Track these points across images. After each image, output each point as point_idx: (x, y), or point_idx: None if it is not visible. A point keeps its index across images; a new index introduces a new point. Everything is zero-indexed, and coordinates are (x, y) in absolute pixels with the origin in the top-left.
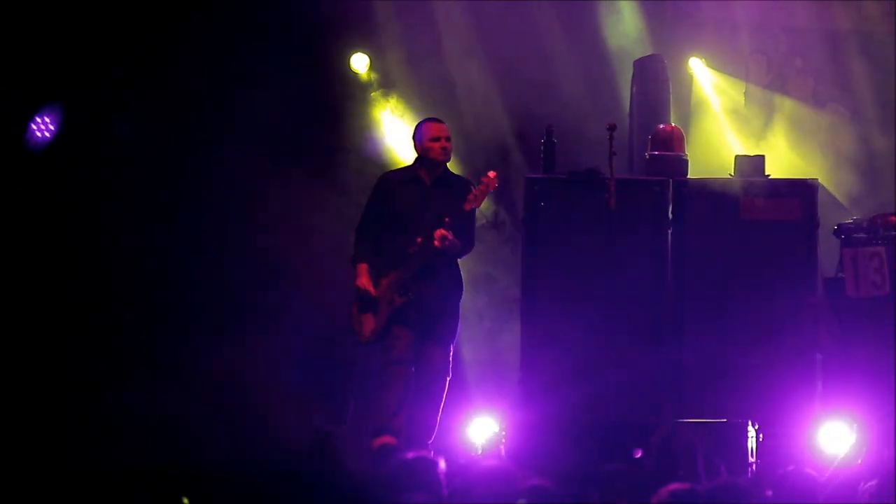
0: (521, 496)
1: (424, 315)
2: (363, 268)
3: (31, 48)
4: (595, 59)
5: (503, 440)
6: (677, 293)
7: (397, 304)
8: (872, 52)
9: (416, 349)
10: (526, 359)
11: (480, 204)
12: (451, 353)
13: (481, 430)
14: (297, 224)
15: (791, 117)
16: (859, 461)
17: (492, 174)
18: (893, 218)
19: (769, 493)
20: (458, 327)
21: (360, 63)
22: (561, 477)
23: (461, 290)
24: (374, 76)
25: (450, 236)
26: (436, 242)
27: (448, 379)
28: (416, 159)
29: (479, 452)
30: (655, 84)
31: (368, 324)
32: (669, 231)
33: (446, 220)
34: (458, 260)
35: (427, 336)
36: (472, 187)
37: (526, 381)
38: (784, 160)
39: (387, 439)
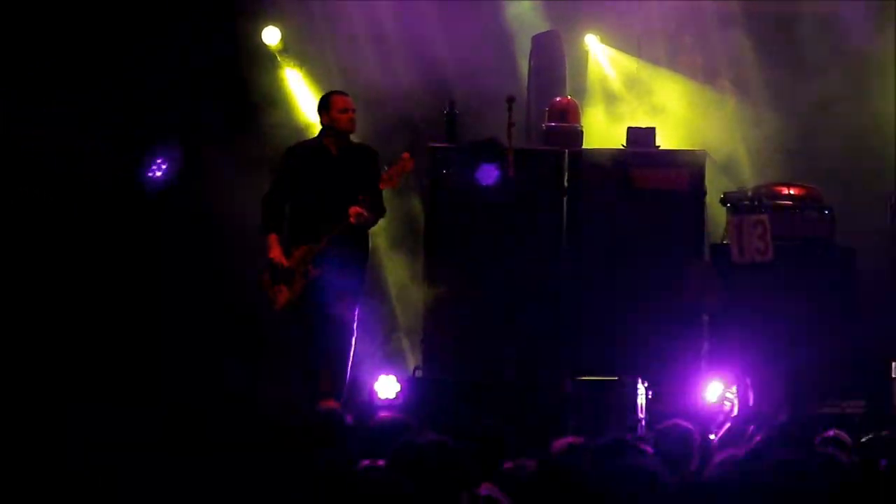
0: (421, 451)
1: (336, 282)
2: (273, 238)
3: None
4: (496, 34)
5: (406, 397)
6: (573, 258)
7: (312, 276)
8: (761, 32)
9: (328, 314)
10: (428, 320)
11: (397, 184)
12: (357, 314)
13: (386, 388)
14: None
15: (681, 92)
16: (740, 414)
17: (406, 155)
18: (777, 188)
19: (650, 447)
20: (364, 290)
21: (271, 36)
22: (457, 433)
23: (368, 256)
24: (284, 49)
25: (365, 213)
26: (351, 220)
27: (354, 338)
28: (322, 130)
29: (384, 409)
30: (552, 59)
31: (283, 294)
32: (565, 199)
33: (360, 198)
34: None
35: (338, 301)
36: (378, 155)
37: (428, 341)
38: (674, 133)
39: (331, 403)
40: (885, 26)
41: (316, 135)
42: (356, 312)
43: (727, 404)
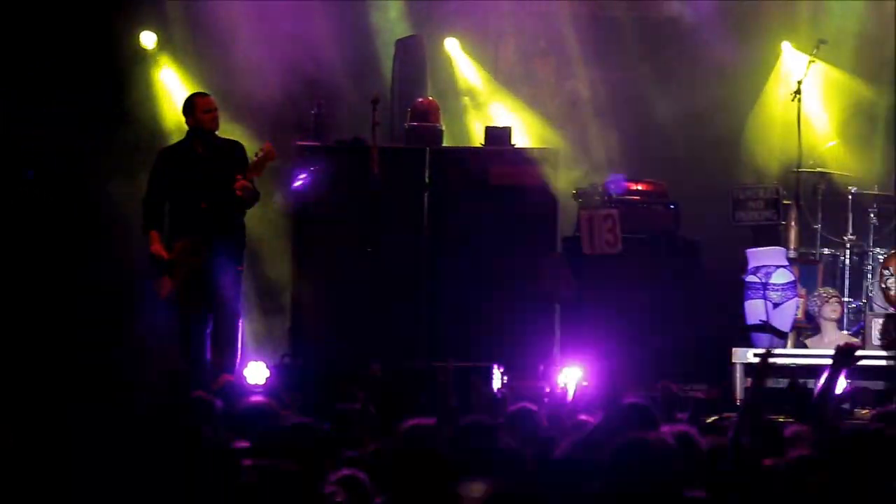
0: (285, 434)
1: (218, 270)
2: (154, 235)
3: None
4: (363, 37)
5: (274, 383)
6: (434, 251)
7: (193, 266)
8: (612, 36)
9: (215, 301)
10: (296, 309)
11: (261, 173)
12: (240, 302)
13: (255, 374)
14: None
15: (536, 93)
16: (588, 396)
17: (268, 145)
18: (628, 183)
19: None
20: (242, 279)
21: (147, 39)
22: (320, 416)
23: (245, 245)
24: (160, 52)
25: (249, 186)
26: (238, 192)
27: (241, 322)
28: (189, 132)
29: (253, 394)
30: (414, 62)
31: (166, 285)
32: (426, 194)
33: (238, 176)
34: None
35: (220, 288)
36: (243, 147)
37: (295, 328)
38: (530, 131)
39: (228, 377)
40: (735, 35)
41: (184, 136)
42: (240, 300)
43: (576, 388)
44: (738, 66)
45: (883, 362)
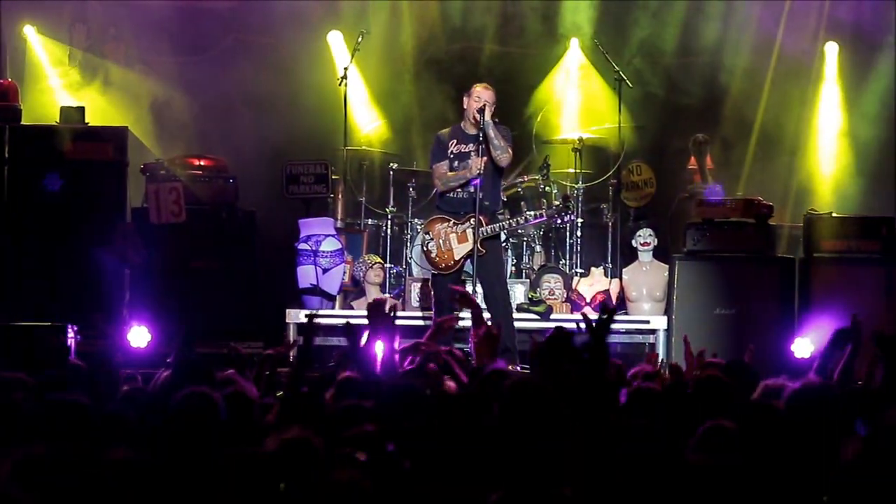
0: None
1: None
2: None
3: None
4: None
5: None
6: (15, 222)
7: None
8: (174, 26)
9: None
10: None
11: None
12: None
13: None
14: None
15: (108, 76)
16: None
17: None
18: (189, 159)
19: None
20: None
21: None
22: None
23: None
24: None
25: None
26: None
27: None
28: None
29: None
30: None
31: None
32: (6, 169)
33: None
34: None
35: None
36: None
37: None
38: (100, 111)
39: None
40: (288, 26)
41: None
42: None
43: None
44: (290, 54)
45: (420, 322)
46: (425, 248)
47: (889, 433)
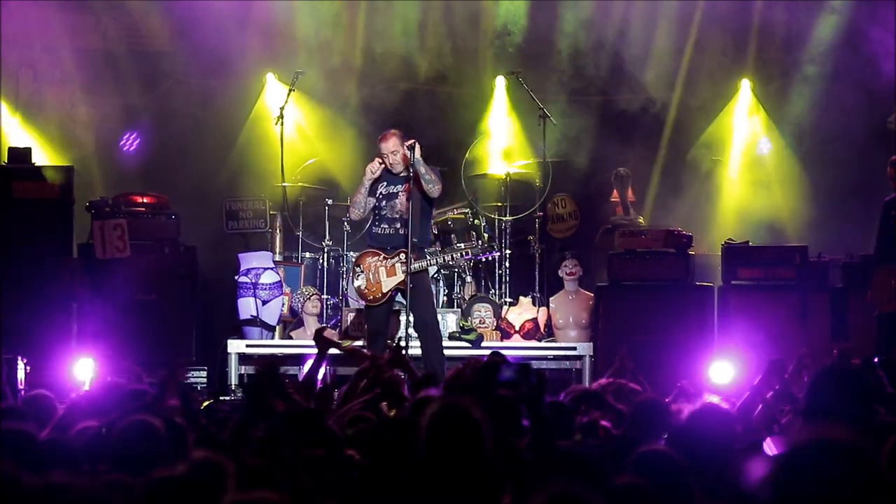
0: None
1: None
2: None
3: None
4: None
5: None
6: None
7: None
8: (117, 70)
9: None
10: None
11: None
12: None
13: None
14: None
15: (54, 118)
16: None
17: None
18: (133, 196)
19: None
20: None
21: None
22: None
23: None
24: None
25: None
26: None
27: None
28: None
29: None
30: None
31: None
32: None
33: None
34: None
35: None
36: None
37: None
38: (47, 151)
39: None
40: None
41: None
42: None
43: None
44: (228, 95)
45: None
46: (356, 281)
47: None
